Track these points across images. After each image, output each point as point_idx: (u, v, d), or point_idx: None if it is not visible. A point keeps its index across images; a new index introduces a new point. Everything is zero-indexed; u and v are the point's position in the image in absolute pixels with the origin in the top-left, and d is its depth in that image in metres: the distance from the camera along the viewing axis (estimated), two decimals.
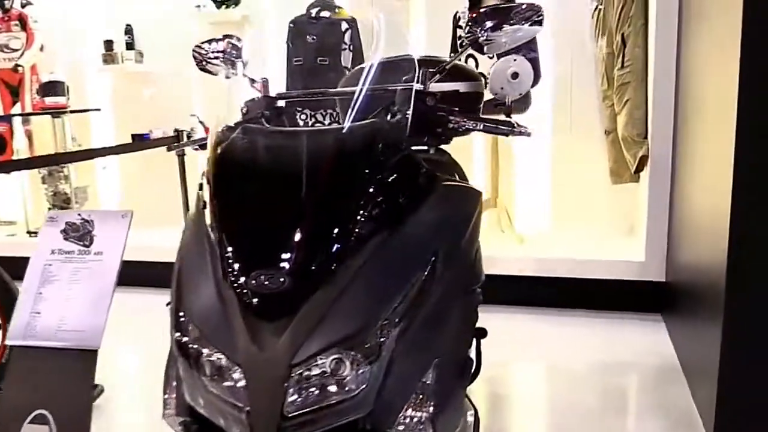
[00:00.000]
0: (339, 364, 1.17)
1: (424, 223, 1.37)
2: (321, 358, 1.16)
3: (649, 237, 3.78)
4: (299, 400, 1.15)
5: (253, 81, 1.77)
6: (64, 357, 1.65)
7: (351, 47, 4.42)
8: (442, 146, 2.49)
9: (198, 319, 1.25)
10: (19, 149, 5.57)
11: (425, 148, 2.44)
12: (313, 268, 1.22)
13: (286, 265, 1.21)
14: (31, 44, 5.41)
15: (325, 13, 4.48)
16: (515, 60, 1.72)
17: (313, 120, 3.11)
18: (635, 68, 3.88)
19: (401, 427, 1.23)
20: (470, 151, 4.70)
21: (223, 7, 5.00)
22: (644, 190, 3.85)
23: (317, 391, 1.16)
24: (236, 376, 1.18)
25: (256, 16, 5.03)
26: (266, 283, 1.18)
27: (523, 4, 1.62)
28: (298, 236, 1.24)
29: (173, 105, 4.93)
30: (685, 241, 3.22)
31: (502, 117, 1.71)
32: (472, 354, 2.24)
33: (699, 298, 2.81)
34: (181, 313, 1.29)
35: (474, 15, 1.62)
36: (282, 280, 1.18)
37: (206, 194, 1.37)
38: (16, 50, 5.41)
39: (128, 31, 5.39)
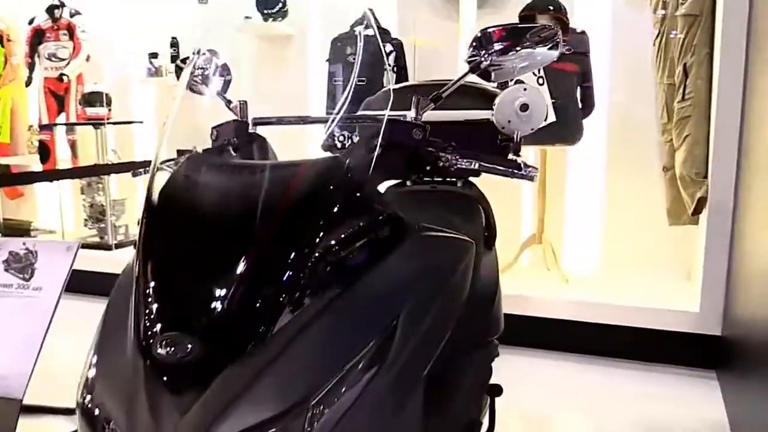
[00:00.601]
0: None
1: (385, 280, 1.15)
2: None
3: (705, 286, 3.44)
4: None
5: (229, 102, 1.61)
6: None
7: (394, 69, 4.24)
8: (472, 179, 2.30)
9: (105, 383, 1.06)
10: (63, 159, 5.54)
11: (453, 180, 2.25)
12: (232, 333, 1.00)
13: (198, 328, 0.99)
14: (78, 54, 5.40)
15: (369, 32, 4.31)
16: (525, 89, 1.47)
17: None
18: (697, 101, 3.57)
19: None
20: (515, 183, 4.43)
21: (270, 20, 4.87)
22: (703, 233, 3.52)
23: None
24: None
25: (300, 31, 4.91)
26: (172, 349, 0.96)
27: (537, 24, 1.39)
28: (218, 294, 1.01)
29: (216, 119, 4.80)
30: (745, 292, 2.91)
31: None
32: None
33: (757, 356, 2.52)
34: (91, 372, 1.10)
35: (480, 35, 1.40)
36: (190, 347, 0.96)
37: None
38: (63, 60, 5.41)
39: (174, 44, 5.31)
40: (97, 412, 1.04)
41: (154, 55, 5.33)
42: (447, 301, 1.29)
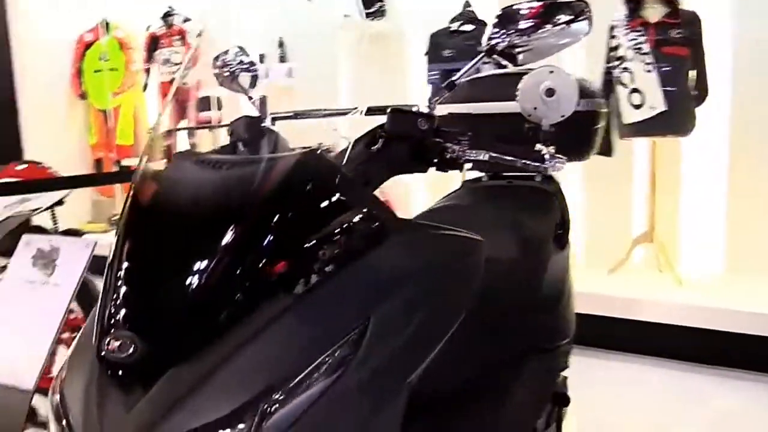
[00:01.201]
0: None
1: (356, 279, 1.07)
2: None
3: None
4: None
5: (250, 98, 1.56)
6: (4, 393, 1.48)
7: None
8: (552, 173, 2.10)
9: (71, 378, 1.07)
10: None
11: (532, 174, 2.12)
12: (180, 333, 0.98)
13: (144, 328, 0.98)
14: (196, 62, 5.57)
15: (467, 27, 4.22)
16: (551, 72, 1.32)
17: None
18: None
19: None
20: (622, 175, 4.16)
21: (369, 18, 4.85)
22: None
23: None
24: None
25: (400, 29, 4.86)
26: (117, 347, 0.95)
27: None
28: (168, 293, 1.01)
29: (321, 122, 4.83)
30: None
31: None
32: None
33: None
34: (64, 368, 1.11)
35: (501, 14, 1.31)
36: (134, 346, 0.95)
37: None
38: (177, 64, 5.61)
39: (281, 44, 5.38)
40: (60, 406, 1.04)
41: (261, 58, 5.41)
42: (438, 305, 1.18)
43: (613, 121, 3.84)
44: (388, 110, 1.33)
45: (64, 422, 1.02)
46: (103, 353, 0.97)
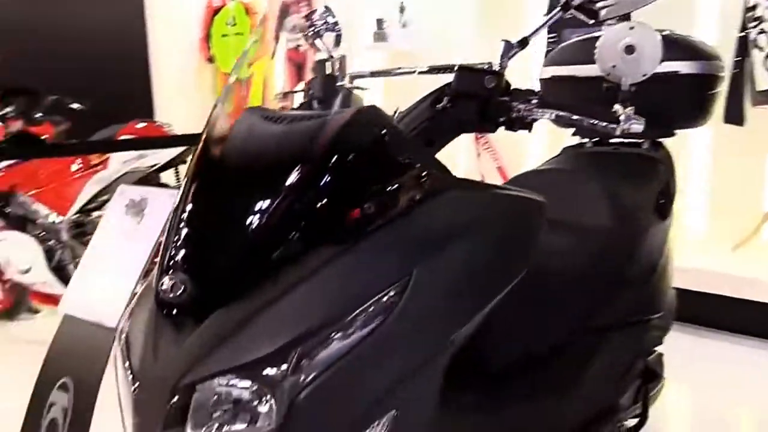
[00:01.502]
0: (235, 392, 0.96)
1: (402, 234, 1.08)
2: (215, 382, 0.96)
3: None
4: (179, 425, 0.97)
5: (330, 58, 1.62)
6: (92, 330, 1.59)
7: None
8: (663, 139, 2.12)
9: (135, 316, 1.13)
10: None
11: (639, 141, 2.08)
12: (228, 277, 1.03)
13: (195, 271, 1.03)
14: None
15: None
16: (632, 28, 1.25)
17: None
18: None
19: None
20: (755, 145, 3.89)
21: None
22: None
23: (202, 421, 0.96)
24: (134, 386, 1.05)
25: None
26: (170, 289, 1.01)
27: None
28: (221, 235, 1.06)
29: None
30: None
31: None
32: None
33: None
34: (132, 305, 1.19)
35: None
36: (183, 287, 1.00)
37: None
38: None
39: (402, 9, 5.35)
40: (124, 344, 1.10)
41: (380, 22, 5.40)
42: (487, 264, 1.17)
43: (746, 87, 3.59)
44: (456, 68, 1.32)
45: (127, 359, 1.08)
46: (159, 293, 1.01)
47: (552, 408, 1.60)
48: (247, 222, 1.04)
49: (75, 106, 4.60)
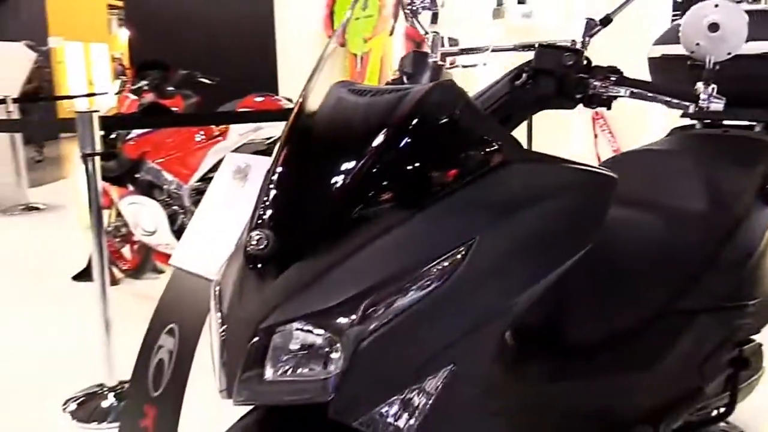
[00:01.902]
0: (309, 338, 1.04)
1: (466, 203, 1.13)
2: (291, 327, 1.04)
3: None
4: (258, 364, 1.05)
5: (425, 33, 1.61)
6: (196, 281, 1.74)
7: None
8: None
9: (226, 271, 1.23)
10: None
11: (750, 123, 2.08)
12: (306, 233, 1.11)
13: (279, 225, 1.12)
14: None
15: None
16: (716, 6, 1.24)
17: None
18: None
19: (372, 425, 1.07)
20: None
21: None
22: None
23: (278, 361, 1.05)
24: (222, 328, 1.13)
25: None
26: (255, 242, 1.09)
27: None
28: (304, 196, 1.14)
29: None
30: None
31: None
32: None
33: None
34: (228, 258, 1.27)
35: None
36: (267, 241, 1.09)
37: None
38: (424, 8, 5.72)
39: None
40: (218, 294, 1.20)
41: None
42: (549, 234, 1.19)
43: None
44: (536, 45, 1.35)
45: (219, 306, 1.17)
46: (246, 247, 1.10)
47: (632, 384, 1.60)
48: (327, 184, 1.11)
49: (205, 80, 4.86)
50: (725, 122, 2.17)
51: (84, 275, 4.21)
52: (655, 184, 1.86)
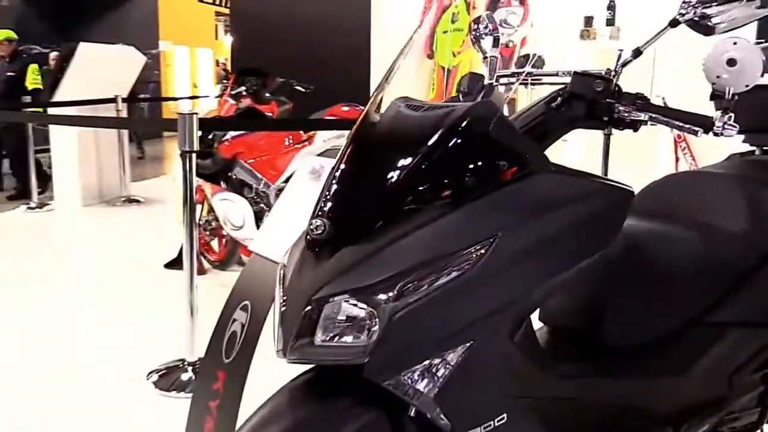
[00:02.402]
0: (354, 310, 1.22)
1: (495, 204, 1.30)
2: (338, 300, 1.22)
3: None
4: (309, 330, 1.23)
5: (485, 57, 1.78)
6: (270, 264, 1.98)
7: None
8: None
9: (290, 254, 1.42)
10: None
11: (752, 149, 2.24)
12: (355, 223, 1.30)
13: (334, 214, 1.30)
14: (525, 20, 5.80)
15: None
16: (735, 43, 1.35)
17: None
18: None
19: (399, 387, 1.24)
20: None
21: None
22: None
23: (326, 328, 1.23)
24: (282, 300, 1.34)
25: None
26: (314, 229, 1.29)
27: None
28: (355, 196, 1.33)
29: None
30: None
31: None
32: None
33: None
34: (294, 241, 1.46)
35: None
36: (324, 228, 1.28)
37: None
38: (512, 26, 5.84)
39: (610, 7, 5.38)
40: (282, 274, 1.40)
41: (589, 19, 5.47)
42: (563, 238, 1.33)
43: None
44: (572, 72, 1.50)
45: (282, 284, 1.37)
46: (307, 233, 1.30)
47: (659, 388, 1.71)
48: (379, 181, 1.30)
49: (300, 88, 5.12)
50: None
51: (175, 264, 4.52)
52: (701, 203, 1.95)
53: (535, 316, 1.58)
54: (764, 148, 2.28)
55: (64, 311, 4.00)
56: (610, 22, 5.42)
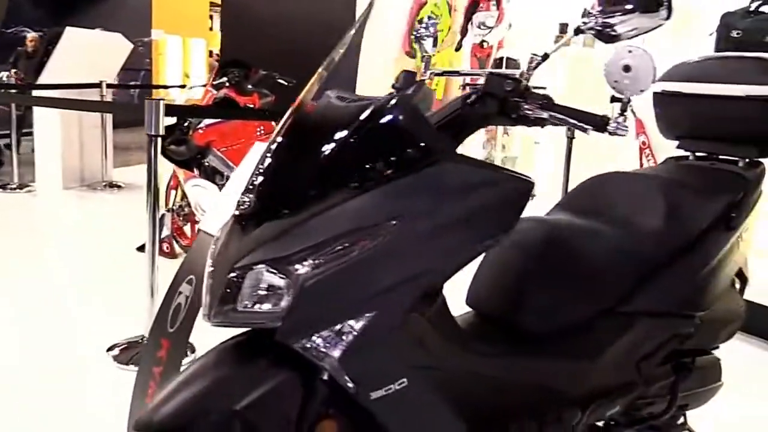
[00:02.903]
0: (269, 278, 1.33)
1: (402, 188, 1.41)
2: (259, 269, 1.34)
3: None
4: (232, 296, 1.35)
5: (423, 55, 1.89)
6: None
7: None
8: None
9: (223, 228, 1.53)
10: None
11: (736, 159, 2.29)
12: (278, 200, 1.41)
13: (261, 193, 1.42)
14: (500, 22, 5.94)
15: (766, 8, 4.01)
16: (630, 51, 1.47)
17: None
18: None
19: (308, 350, 1.35)
20: None
21: None
22: None
23: (247, 294, 1.35)
24: (209, 271, 1.45)
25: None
26: (242, 204, 1.41)
27: None
28: (280, 175, 1.45)
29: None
30: None
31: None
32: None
33: None
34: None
35: None
36: (249, 203, 1.41)
37: None
38: (489, 27, 6.00)
39: (585, 14, 5.49)
40: (215, 242, 1.50)
41: (563, 26, 5.60)
42: (463, 223, 1.44)
43: None
44: (487, 73, 1.62)
45: (213, 255, 1.47)
46: (236, 208, 1.43)
47: (569, 371, 1.82)
48: (300, 164, 1.43)
49: (282, 81, 5.22)
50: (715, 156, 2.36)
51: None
52: (625, 201, 2.06)
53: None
54: (696, 153, 2.40)
55: (36, 288, 4.12)
56: (578, 32, 5.50)
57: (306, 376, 1.40)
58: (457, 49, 6.48)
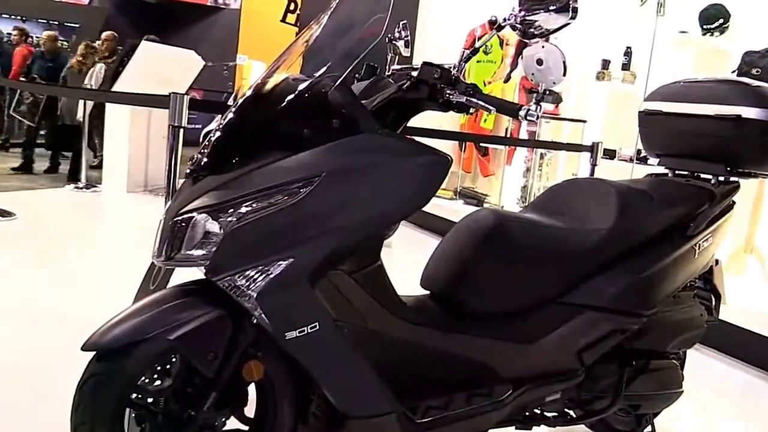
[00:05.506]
0: (208, 225, 1.56)
1: (327, 153, 1.60)
2: (197, 216, 1.56)
3: None
4: (176, 240, 1.58)
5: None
6: None
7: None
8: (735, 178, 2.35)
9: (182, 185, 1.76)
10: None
11: (709, 177, 2.38)
12: (222, 159, 1.64)
13: (209, 152, 1.66)
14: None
15: None
16: (543, 47, 1.60)
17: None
18: None
19: (231, 288, 1.55)
20: None
21: (708, 35, 4.82)
22: None
23: (189, 239, 1.57)
24: (161, 219, 1.68)
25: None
26: (193, 161, 1.64)
27: None
28: (226, 137, 1.67)
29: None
30: None
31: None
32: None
33: None
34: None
35: None
36: (199, 161, 1.64)
37: None
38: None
39: (627, 52, 5.59)
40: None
41: (606, 62, 5.69)
42: (379, 189, 1.63)
43: None
44: (421, 62, 1.78)
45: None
46: (188, 164, 1.67)
47: (506, 351, 1.94)
48: (243, 127, 1.67)
49: None
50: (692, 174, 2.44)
51: None
52: (587, 203, 2.18)
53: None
54: (676, 171, 2.49)
55: (92, 276, 4.39)
56: (625, 67, 5.61)
57: (236, 317, 1.59)
58: (506, 81, 6.61)
